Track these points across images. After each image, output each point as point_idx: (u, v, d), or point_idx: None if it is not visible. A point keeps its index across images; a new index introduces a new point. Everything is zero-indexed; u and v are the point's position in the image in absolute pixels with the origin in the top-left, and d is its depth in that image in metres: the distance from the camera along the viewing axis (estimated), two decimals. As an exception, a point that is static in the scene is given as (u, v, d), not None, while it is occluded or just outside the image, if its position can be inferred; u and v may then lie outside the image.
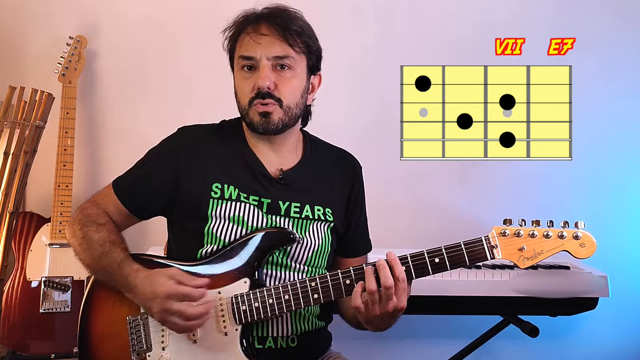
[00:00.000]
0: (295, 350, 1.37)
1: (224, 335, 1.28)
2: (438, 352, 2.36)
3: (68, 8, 2.51)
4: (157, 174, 1.40)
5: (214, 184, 1.37)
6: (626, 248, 2.47)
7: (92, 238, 1.35)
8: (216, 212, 1.35)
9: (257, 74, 1.34)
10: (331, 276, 1.26)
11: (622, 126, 2.51)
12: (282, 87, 1.35)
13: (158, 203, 1.41)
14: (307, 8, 1.42)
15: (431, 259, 1.25)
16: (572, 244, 1.24)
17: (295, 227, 1.38)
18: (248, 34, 1.36)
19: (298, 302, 1.27)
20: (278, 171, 1.41)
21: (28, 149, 2.21)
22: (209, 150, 1.41)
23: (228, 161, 1.41)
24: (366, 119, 2.53)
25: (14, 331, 2.24)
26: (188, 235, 1.39)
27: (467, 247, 1.25)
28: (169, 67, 2.53)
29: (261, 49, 1.34)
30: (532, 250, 1.24)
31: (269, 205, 1.38)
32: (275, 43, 1.34)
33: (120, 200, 1.42)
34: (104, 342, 1.34)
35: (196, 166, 1.39)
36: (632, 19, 2.52)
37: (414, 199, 2.52)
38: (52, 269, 2.29)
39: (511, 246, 1.24)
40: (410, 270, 1.24)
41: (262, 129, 1.36)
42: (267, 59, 1.34)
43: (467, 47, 2.53)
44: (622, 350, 2.51)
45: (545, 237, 1.24)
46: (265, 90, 1.33)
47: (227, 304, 1.29)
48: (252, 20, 1.38)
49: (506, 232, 1.24)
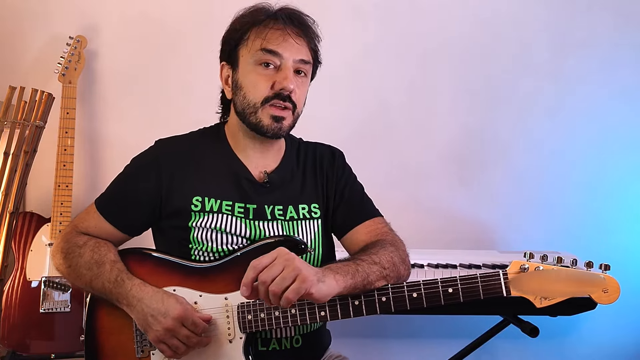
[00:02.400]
0: (299, 350, 1.36)
1: (228, 342, 1.28)
2: (438, 352, 2.36)
3: (68, 8, 2.51)
4: (140, 188, 1.36)
5: (195, 197, 1.34)
6: (626, 247, 2.47)
7: (78, 265, 1.32)
8: (198, 223, 1.33)
9: (279, 73, 1.30)
10: (340, 296, 1.22)
11: (622, 126, 2.51)
12: (299, 92, 1.33)
13: (144, 216, 1.38)
14: (307, 8, 1.42)
15: (444, 288, 1.19)
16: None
17: (283, 230, 1.37)
18: (277, 29, 1.31)
19: (304, 317, 1.23)
20: (262, 174, 1.40)
21: (28, 149, 2.20)
22: (190, 161, 1.38)
23: (210, 171, 1.38)
24: (366, 118, 2.53)
25: (14, 331, 2.24)
26: (175, 240, 1.36)
27: (483, 280, 1.18)
28: (168, 67, 2.53)
29: (291, 49, 1.31)
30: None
31: (254, 210, 1.36)
32: (304, 48, 1.33)
33: (109, 220, 1.37)
34: (110, 335, 1.33)
35: (177, 178, 1.36)
36: (632, 19, 2.52)
37: (412, 199, 2.52)
38: (52, 269, 2.28)
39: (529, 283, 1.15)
40: (421, 297, 1.20)
41: (272, 133, 1.33)
42: (293, 61, 1.32)
43: (467, 47, 2.53)
44: (622, 350, 2.51)
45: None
46: (287, 93, 1.30)
47: (233, 311, 1.27)
48: (276, 16, 1.33)
49: (525, 267, 1.16)
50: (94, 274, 1.29)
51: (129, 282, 1.27)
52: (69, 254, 1.34)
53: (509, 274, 1.17)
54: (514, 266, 1.16)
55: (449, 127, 2.55)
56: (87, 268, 1.30)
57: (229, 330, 1.27)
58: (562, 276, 1.14)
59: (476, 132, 2.54)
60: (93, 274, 1.29)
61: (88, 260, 1.31)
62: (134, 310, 1.26)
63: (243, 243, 1.34)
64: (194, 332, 1.23)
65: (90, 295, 1.35)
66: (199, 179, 1.36)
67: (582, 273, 1.14)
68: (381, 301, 1.21)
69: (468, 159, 2.55)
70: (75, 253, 1.33)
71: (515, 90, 2.54)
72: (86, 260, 1.31)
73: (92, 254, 1.32)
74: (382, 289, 1.21)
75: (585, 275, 1.15)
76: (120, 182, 1.41)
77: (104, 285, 1.28)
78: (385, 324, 2.53)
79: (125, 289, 1.27)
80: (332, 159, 1.49)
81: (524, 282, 1.15)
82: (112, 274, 1.29)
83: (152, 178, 1.36)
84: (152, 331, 1.24)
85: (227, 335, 1.27)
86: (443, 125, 2.55)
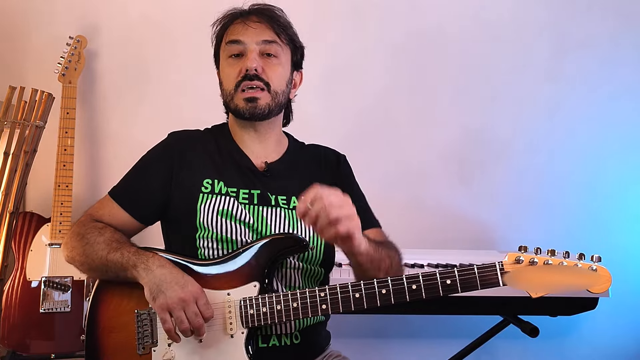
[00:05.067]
0: (298, 347, 1.37)
1: (230, 338, 1.28)
2: (438, 352, 2.36)
3: (68, 8, 2.51)
4: (156, 177, 1.42)
5: (205, 179, 1.40)
6: (626, 248, 2.47)
7: (96, 241, 1.33)
8: (205, 205, 1.37)
9: (244, 59, 1.39)
10: (341, 288, 1.26)
11: (622, 126, 2.51)
12: (269, 71, 1.40)
13: (160, 205, 1.42)
14: (307, 8, 1.42)
15: (443, 280, 1.24)
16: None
17: (286, 217, 1.40)
18: (237, 23, 1.43)
19: (306, 311, 1.26)
20: (263, 164, 1.45)
21: (28, 149, 2.20)
22: (200, 149, 1.45)
23: (217, 159, 1.44)
24: (366, 118, 2.53)
25: (14, 331, 2.24)
26: (181, 228, 1.39)
27: (480, 271, 1.24)
28: (168, 67, 2.53)
29: (250, 34, 1.40)
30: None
31: (259, 195, 1.40)
32: (264, 30, 1.41)
33: (126, 209, 1.41)
34: (111, 332, 1.33)
35: (189, 164, 1.42)
36: (632, 19, 2.52)
37: (412, 199, 2.52)
38: (52, 269, 2.29)
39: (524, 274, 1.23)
40: (420, 289, 1.24)
41: (248, 114, 1.40)
42: (255, 44, 1.40)
43: (467, 48, 2.53)
44: (622, 350, 2.51)
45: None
46: (252, 72, 1.37)
47: (235, 306, 1.29)
48: (241, 14, 1.44)
49: (520, 259, 1.23)
50: (114, 247, 1.32)
51: (151, 253, 1.31)
52: (87, 234, 1.35)
53: (504, 265, 1.23)
54: (510, 258, 1.24)
55: (449, 127, 2.55)
56: (107, 244, 1.32)
57: (230, 325, 1.28)
58: (556, 270, 1.22)
59: (476, 132, 2.54)
60: (112, 248, 1.32)
61: (109, 237, 1.34)
62: (150, 273, 1.27)
63: (246, 233, 1.37)
64: (202, 313, 1.24)
65: (92, 293, 1.36)
66: (210, 164, 1.43)
67: (575, 268, 1.22)
68: (381, 293, 1.24)
69: (468, 159, 2.55)
70: (95, 233, 1.35)
71: (515, 90, 2.54)
72: (107, 238, 1.34)
73: (113, 234, 1.35)
74: (382, 281, 1.25)
75: (578, 269, 1.23)
76: (135, 172, 1.46)
77: (123, 254, 1.30)
78: (385, 324, 2.53)
79: (147, 256, 1.30)
80: (337, 163, 1.55)
81: (520, 274, 1.22)
82: (132, 248, 1.32)
83: (165, 163, 1.42)
84: (164, 297, 1.24)
85: (229, 330, 1.28)
86: (443, 125, 2.55)
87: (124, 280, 1.31)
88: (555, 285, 1.22)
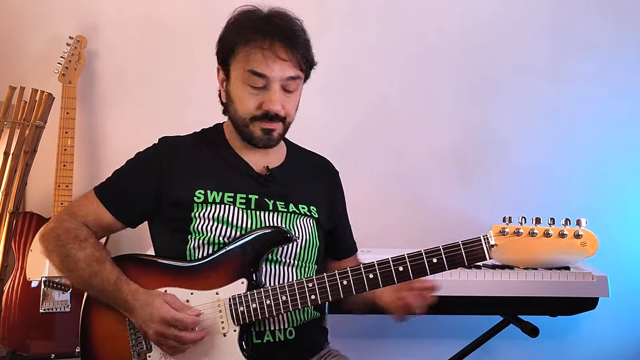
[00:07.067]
0: (293, 342, 1.37)
1: (222, 337, 1.29)
2: (438, 352, 2.36)
3: (68, 8, 2.51)
4: (143, 182, 1.39)
5: (197, 190, 1.37)
6: (626, 248, 2.47)
7: (76, 257, 1.31)
8: (200, 213, 1.35)
9: (267, 94, 1.34)
10: (328, 277, 1.27)
11: (622, 126, 2.51)
12: (288, 106, 1.38)
13: (146, 208, 1.40)
14: (307, 9, 1.42)
15: (429, 259, 1.25)
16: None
17: (283, 221, 1.39)
18: (262, 50, 1.32)
19: (295, 302, 1.27)
20: (264, 168, 1.44)
21: (28, 149, 2.20)
22: (192, 157, 1.42)
23: (212, 166, 1.42)
24: (366, 118, 2.53)
25: (14, 331, 2.24)
26: (173, 233, 1.38)
27: (465, 246, 1.23)
28: (168, 67, 2.53)
29: (276, 70, 1.33)
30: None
31: (256, 201, 1.38)
32: (291, 67, 1.35)
33: (110, 211, 1.38)
34: (105, 342, 1.33)
35: (179, 173, 1.39)
36: (632, 19, 2.52)
37: (412, 199, 2.52)
38: (52, 269, 2.28)
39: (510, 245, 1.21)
40: (407, 271, 1.25)
41: (262, 144, 1.40)
42: (279, 81, 1.34)
43: (467, 48, 2.53)
44: (622, 350, 2.51)
45: (546, 235, 1.21)
46: (274, 113, 1.35)
47: (225, 305, 1.29)
48: (262, 31, 1.33)
49: (505, 231, 1.21)
50: (94, 270, 1.30)
51: (126, 288, 1.29)
52: (68, 243, 1.33)
53: (490, 238, 1.21)
54: (494, 230, 1.22)
55: (449, 127, 2.54)
56: (88, 264, 1.31)
57: (222, 324, 1.28)
58: (542, 241, 1.20)
59: (476, 132, 2.54)
60: (93, 271, 1.30)
61: (89, 254, 1.31)
62: (131, 316, 1.30)
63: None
64: (183, 328, 1.24)
65: (83, 303, 1.37)
66: (201, 173, 1.40)
67: (561, 239, 1.20)
68: (369, 278, 1.26)
69: (468, 159, 2.55)
70: (76, 244, 1.32)
71: (515, 90, 2.53)
72: (87, 254, 1.31)
73: (93, 251, 1.32)
74: (368, 266, 1.26)
75: (564, 239, 1.21)
76: (124, 174, 1.43)
77: (104, 286, 1.29)
78: (385, 324, 2.51)
79: (123, 294, 1.29)
80: (334, 176, 1.58)
81: (506, 247, 1.20)
82: (112, 275, 1.30)
83: (154, 169, 1.39)
84: (149, 336, 1.28)
85: (221, 329, 1.28)
86: (443, 124, 2.54)
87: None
88: (543, 256, 1.20)
